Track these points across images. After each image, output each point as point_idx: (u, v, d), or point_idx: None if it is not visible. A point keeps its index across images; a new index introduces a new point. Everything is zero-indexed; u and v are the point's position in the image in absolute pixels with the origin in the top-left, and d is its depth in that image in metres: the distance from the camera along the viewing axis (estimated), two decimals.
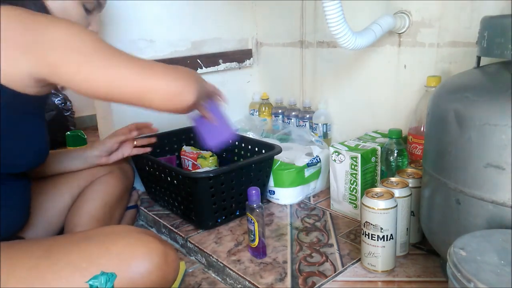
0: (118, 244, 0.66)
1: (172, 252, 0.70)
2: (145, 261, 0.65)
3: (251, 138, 1.25)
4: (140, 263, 0.65)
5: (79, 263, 0.63)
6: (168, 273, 0.68)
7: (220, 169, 1.03)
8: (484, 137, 0.62)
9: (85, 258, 0.64)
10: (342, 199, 1.06)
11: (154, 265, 0.65)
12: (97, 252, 0.65)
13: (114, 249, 0.65)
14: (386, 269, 0.81)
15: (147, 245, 0.66)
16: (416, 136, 1.01)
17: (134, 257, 0.65)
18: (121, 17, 1.20)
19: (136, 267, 0.64)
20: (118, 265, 0.64)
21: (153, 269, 0.65)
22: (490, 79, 0.71)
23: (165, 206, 1.17)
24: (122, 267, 0.64)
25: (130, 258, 0.65)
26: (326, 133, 1.34)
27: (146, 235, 0.69)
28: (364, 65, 1.22)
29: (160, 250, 0.67)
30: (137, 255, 0.65)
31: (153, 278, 0.65)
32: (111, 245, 0.66)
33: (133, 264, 0.64)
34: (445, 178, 0.69)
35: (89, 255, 0.64)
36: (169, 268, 0.68)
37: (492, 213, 0.63)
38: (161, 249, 0.67)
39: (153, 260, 0.65)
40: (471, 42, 0.96)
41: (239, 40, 1.51)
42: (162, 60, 1.28)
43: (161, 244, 0.68)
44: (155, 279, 0.65)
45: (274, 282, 0.81)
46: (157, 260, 0.66)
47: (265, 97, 1.53)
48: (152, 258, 0.65)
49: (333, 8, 0.91)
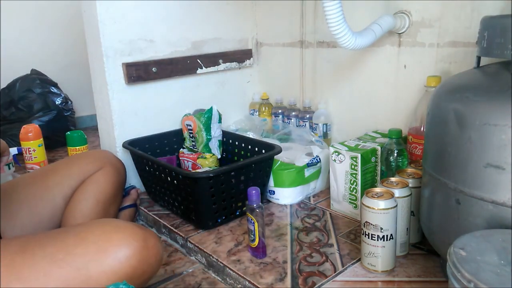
0: (94, 232, 0.65)
1: (152, 237, 0.69)
2: (122, 246, 0.64)
3: (251, 138, 1.25)
4: (118, 249, 0.64)
5: (55, 254, 0.62)
6: (148, 256, 0.67)
7: (220, 169, 1.03)
8: (484, 137, 0.62)
9: (61, 249, 0.63)
10: (342, 199, 1.06)
11: (132, 250, 0.64)
12: (73, 242, 0.64)
13: (90, 237, 0.64)
14: (386, 269, 0.81)
15: (123, 231, 0.66)
16: (416, 136, 1.01)
17: (111, 243, 0.64)
18: (121, 17, 1.20)
19: (114, 253, 0.63)
20: (95, 253, 0.63)
21: (131, 254, 0.64)
22: (490, 79, 0.71)
23: (165, 206, 1.17)
24: (99, 254, 0.63)
25: (107, 245, 0.64)
26: (326, 133, 1.34)
27: (123, 222, 0.68)
28: (364, 65, 1.22)
29: (138, 235, 0.66)
30: (114, 241, 0.64)
31: (133, 262, 0.64)
32: (87, 234, 0.65)
33: (110, 250, 0.63)
34: (445, 178, 0.69)
35: (65, 246, 0.63)
36: (150, 251, 0.67)
37: (492, 213, 0.63)
38: (140, 234, 0.66)
39: (131, 245, 0.64)
40: (471, 42, 0.96)
41: (239, 40, 1.51)
42: (162, 60, 1.29)
43: (140, 229, 0.67)
44: (135, 264, 0.64)
45: (274, 282, 0.81)
46: (135, 244, 0.65)
47: (265, 97, 1.53)
48: (130, 243, 0.64)
49: (333, 8, 0.91)
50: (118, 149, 1.25)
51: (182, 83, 1.37)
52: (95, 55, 1.22)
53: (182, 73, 1.35)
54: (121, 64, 1.21)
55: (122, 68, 1.22)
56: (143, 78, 1.25)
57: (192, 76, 1.39)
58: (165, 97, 1.33)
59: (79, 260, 0.62)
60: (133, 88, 1.25)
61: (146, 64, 1.25)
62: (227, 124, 1.45)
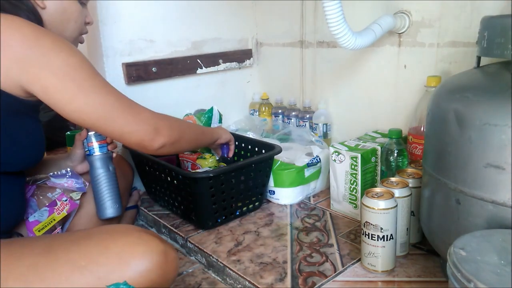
0: (117, 242, 0.66)
1: (172, 251, 0.70)
2: (144, 260, 0.65)
3: (251, 138, 1.25)
4: (140, 262, 0.64)
5: (78, 261, 0.63)
6: (168, 272, 0.68)
7: (220, 169, 1.03)
8: (484, 137, 0.62)
9: (84, 256, 0.64)
10: (342, 199, 1.06)
11: (153, 264, 0.65)
12: (96, 251, 0.64)
13: (113, 247, 0.65)
14: (386, 269, 0.81)
15: (146, 244, 0.66)
16: (416, 136, 1.01)
17: (134, 256, 0.65)
18: (121, 17, 1.20)
19: (135, 266, 0.64)
20: (118, 264, 0.64)
21: (152, 268, 0.65)
22: (490, 79, 0.71)
23: (165, 206, 1.17)
24: (121, 266, 0.63)
25: (130, 257, 0.64)
26: (326, 133, 1.34)
27: (146, 234, 0.69)
28: (364, 65, 1.22)
29: (160, 249, 0.67)
30: (137, 254, 0.65)
31: (153, 277, 0.65)
32: (110, 244, 0.65)
33: (132, 263, 0.64)
34: (445, 178, 0.69)
35: (89, 253, 0.64)
36: (169, 267, 0.68)
37: (492, 213, 0.63)
38: (161, 248, 0.67)
39: (153, 259, 0.65)
40: (471, 42, 0.96)
41: (239, 40, 1.51)
42: (162, 60, 1.29)
43: (161, 243, 0.68)
44: (155, 278, 0.65)
45: (274, 282, 0.81)
46: (156, 259, 0.66)
47: (265, 97, 1.53)
48: (152, 257, 0.65)
49: (333, 8, 0.91)
50: (119, 149, 1.25)
51: (182, 83, 1.37)
52: (95, 55, 1.22)
53: (182, 73, 1.35)
54: (121, 64, 1.21)
55: (122, 68, 1.22)
56: (143, 78, 1.25)
57: (192, 76, 1.39)
58: (165, 97, 1.33)
59: (101, 270, 0.63)
60: (133, 88, 1.25)
61: (146, 64, 1.25)
62: (227, 124, 1.45)
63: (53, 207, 0.91)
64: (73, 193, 0.96)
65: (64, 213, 0.92)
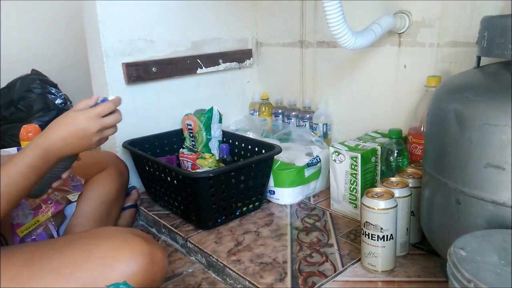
0: (101, 247, 0.65)
1: (159, 252, 0.69)
2: (129, 263, 0.64)
3: (251, 138, 1.25)
4: (125, 265, 0.64)
5: (62, 269, 0.63)
6: (154, 272, 0.67)
7: (220, 169, 1.03)
8: (484, 137, 0.62)
9: (68, 263, 0.63)
10: (342, 199, 1.06)
11: (139, 266, 0.64)
12: (80, 257, 0.64)
13: (97, 252, 0.64)
14: (386, 269, 0.81)
15: (131, 246, 0.66)
16: (416, 136, 1.01)
17: (118, 259, 0.64)
18: (121, 17, 1.20)
19: (120, 269, 0.63)
20: (103, 269, 0.63)
21: (138, 270, 0.64)
22: (490, 79, 0.71)
23: (165, 206, 1.17)
24: (106, 270, 0.63)
25: (114, 261, 0.64)
26: (326, 133, 1.34)
27: (131, 235, 0.68)
28: (364, 65, 1.22)
29: (145, 250, 0.66)
30: (121, 258, 0.64)
31: (139, 279, 0.64)
32: (94, 249, 0.65)
33: (117, 267, 0.63)
34: (445, 178, 0.69)
35: (72, 260, 0.64)
36: (156, 267, 0.67)
37: (492, 213, 0.63)
38: (146, 250, 0.66)
39: (138, 262, 0.65)
40: (471, 42, 0.96)
41: (239, 40, 1.51)
42: (162, 60, 1.29)
43: (147, 244, 0.67)
44: (141, 280, 0.65)
45: (274, 282, 0.81)
46: (142, 260, 0.65)
47: (265, 97, 1.53)
48: (137, 259, 0.65)
49: (333, 8, 0.91)
50: (118, 149, 1.25)
51: (182, 83, 1.37)
52: (95, 55, 1.22)
53: (182, 73, 1.35)
54: (121, 64, 1.21)
55: (122, 68, 1.22)
56: (143, 78, 1.25)
57: (192, 76, 1.39)
58: (165, 97, 1.33)
59: (87, 276, 0.63)
60: (133, 88, 1.25)
61: (146, 64, 1.25)
62: (227, 124, 1.45)
63: (38, 210, 0.92)
64: (70, 195, 0.97)
65: (49, 214, 0.93)
